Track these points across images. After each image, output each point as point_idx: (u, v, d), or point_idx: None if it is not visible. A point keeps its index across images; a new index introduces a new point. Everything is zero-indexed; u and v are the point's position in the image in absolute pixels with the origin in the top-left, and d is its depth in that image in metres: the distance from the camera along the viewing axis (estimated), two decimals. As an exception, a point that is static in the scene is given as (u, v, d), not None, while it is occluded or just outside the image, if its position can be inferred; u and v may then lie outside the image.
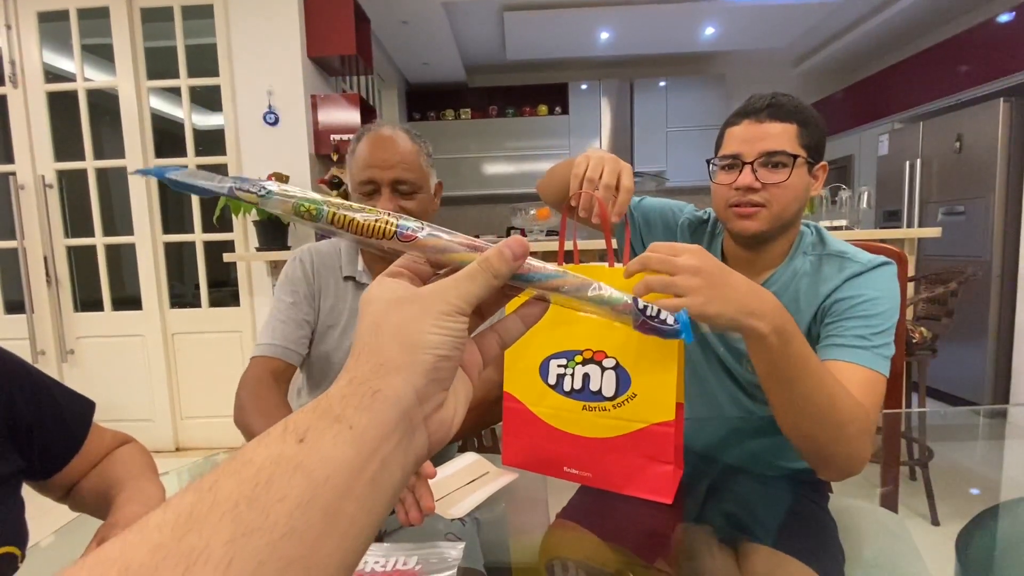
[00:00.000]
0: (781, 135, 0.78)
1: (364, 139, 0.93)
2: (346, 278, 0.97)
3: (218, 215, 2.35)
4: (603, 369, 0.64)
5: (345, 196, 0.93)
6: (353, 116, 2.60)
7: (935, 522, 1.11)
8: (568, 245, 0.76)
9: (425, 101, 5.03)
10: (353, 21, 2.53)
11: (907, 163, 3.31)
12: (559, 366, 0.67)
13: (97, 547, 0.44)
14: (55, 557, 0.62)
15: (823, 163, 0.83)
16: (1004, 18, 2.94)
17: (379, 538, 0.58)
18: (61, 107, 2.65)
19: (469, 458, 0.75)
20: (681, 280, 0.56)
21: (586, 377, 0.65)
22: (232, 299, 2.74)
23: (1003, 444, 1.29)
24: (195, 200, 2.65)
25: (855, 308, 0.73)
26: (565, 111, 4.90)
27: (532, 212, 2.44)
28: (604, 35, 4.12)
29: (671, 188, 5.00)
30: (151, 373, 2.69)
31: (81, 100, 2.61)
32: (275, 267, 2.45)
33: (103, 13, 2.57)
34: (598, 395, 0.65)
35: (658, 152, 4.87)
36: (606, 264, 0.63)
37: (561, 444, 0.67)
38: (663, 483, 0.63)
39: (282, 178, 2.40)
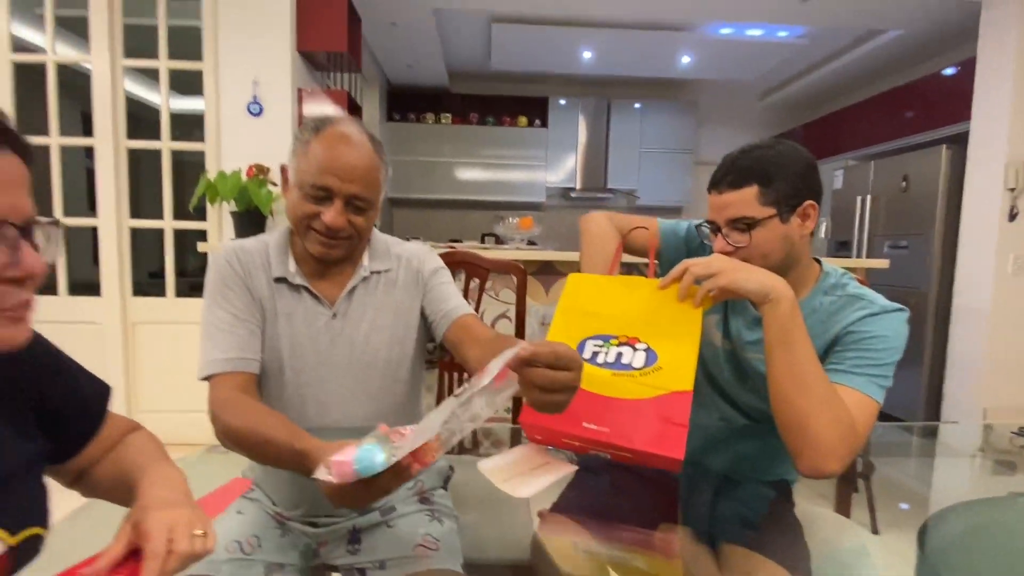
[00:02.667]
0: (740, 202, 0.85)
1: (323, 135, 0.83)
2: (277, 279, 0.89)
3: (195, 203, 2.29)
4: (635, 350, 0.76)
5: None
6: (339, 113, 2.59)
7: (875, 531, 1.22)
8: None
9: (406, 102, 5.03)
10: (346, 18, 2.54)
11: (858, 198, 3.56)
12: (595, 345, 0.77)
13: (130, 528, 0.46)
14: (68, 540, 0.61)
15: (808, 202, 0.86)
16: (949, 71, 3.24)
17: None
18: (27, 80, 2.52)
19: (528, 448, 0.77)
20: (715, 263, 0.77)
21: (619, 355, 0.76)
22: (195, 291, 2.65)
23: (934, 459, 1.44)
24: (166, 185, 2.57)
25: (862, 342, 0.80)
26: (544, 124, 5.00)
27: (515, 221, 2.49)
28: (586, 54, 4.26)
29: (641, 206, 5.17)
30: (106, 363, 2.57)
31: (50, 73, 2.49)
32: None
33: (79, -15, 2.47)
34: (628, 366, 0.75)
35: (631, 171, 5.04)
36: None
37: (584, 402, 0.71)
38: (676, 442, 0.68)
39: (263, 169, 2.36)
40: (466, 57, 4.56)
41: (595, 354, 0.77)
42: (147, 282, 2.86)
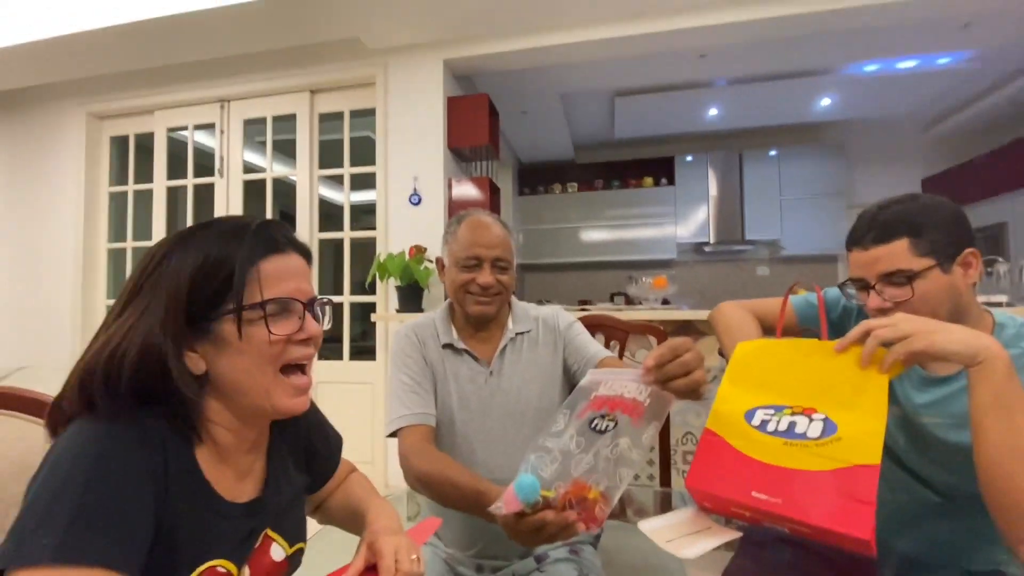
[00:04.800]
0: (890, 256, 0.80)
1: (464, 223, 1.06)
2: (444, 345, 1.07)
3: (370, 280, 2.71)
4: (811, 420, 0.68)
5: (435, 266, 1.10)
6: (483, 196, 2.93)
7: None
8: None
9: (535, 177, 5.42)
10: (488, 116, 2.91)
11: (1079, 231, 2.94)
12: (766, 414, 0.72)
13: (367, 550, 0.58)
14: (308, 557, 0.77)
15: (970, 249, 0.81)
16: None
17: None
18: (251, 192, 3.28)
19: (692, 511, 0.77)
20: (903, 324, 0.68)
21: (792, 424, 0.69)
22: (362, 354, 3.07)
23: None
24: (346, 266, 3.08)
25: None
26: (671, 182, 5.00)
27: (648, 281, 2.51)
28: (713, 111, 4.25)
29: (786, 256, 4.81)
30: (297, 418, 3.04)
31: (268, 187, 3.21)
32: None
33: (291, 118, 3.20)
34: (802, 436, 0.68)
35: (771, 221, 4.75)
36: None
37: (753, 470, 0.68)
38: (863, 520, 0.59)
39: (420, 249, 2.73)
40: (591, 130, 4.83)
41: (764, 422, 0.71)
42: (323, 347, 3.36)
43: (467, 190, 2.95)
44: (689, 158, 4.93)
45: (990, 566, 0.84)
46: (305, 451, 0.71)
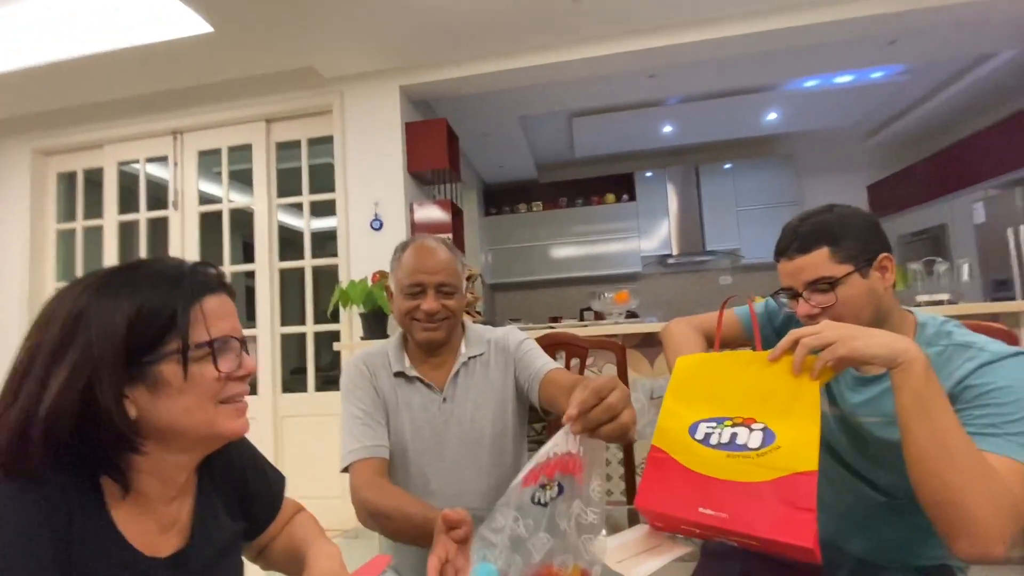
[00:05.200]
0: (813, 265, 0.84)
1: (408, 250, 1.05)
2: (396, 374, 1.06)
3: (332, 308, 2.67)
4: (751, 431, 0.70)
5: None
6: (445, 218, 2.93)
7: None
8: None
9: (500, 197, 5.47)
10: (446, 140, 2.94)
11: (1008, 230, 3.13)
12: (708, 427, 0.73)
13: None
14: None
15: (885, 255, 0.85)
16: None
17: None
18: (208, 224, 3.21)
19: (642, 529, 0.77)
20: (829, 332, 0.70)
21: (733, 435, 0.71)
22: (330, 384, 3.00)
23: None
24: (308, 294, 3.02)
25: (985, 396, 0.72)
26: (632, 198, 5.13)
27: (610, 296, 2.54)
28: (667, 128, 4.40)
29: (747, 265, 4.95)
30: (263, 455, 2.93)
31: (224, 218, 3.14)
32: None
33: (247, 147, 3.16)
34: (743, 447, 0.69)
35: (730, 231, 4.91)
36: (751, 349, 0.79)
37: (699, 486, 0.69)
38: (804, 529, 0.61)
39: (384, 275, 2.70)
40: (552, 150, 4.92)
41: (707, 436, 0.73)
42: (289, 378, 3.28)
43: (430, 213, 2.96)
44: (648, 174, 5.08)
45: (936, 561, 0.86)
46: (240, 495, 0.68)
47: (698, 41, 2.67)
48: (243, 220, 3.21)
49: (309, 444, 2.91)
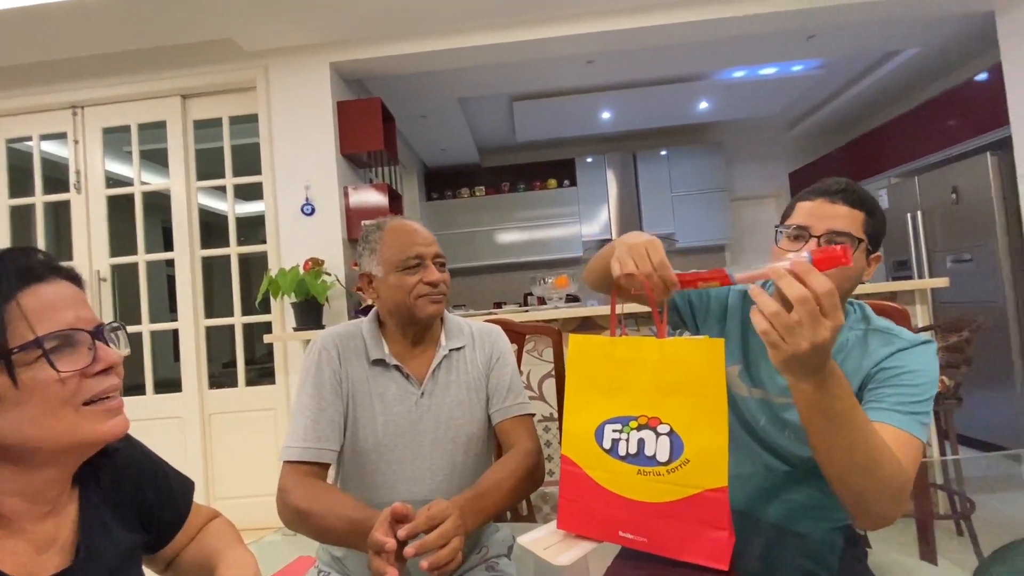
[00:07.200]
0: (850, 218, 0.83)
1: (389, 229, 1.00)
2: (374, 361, 0.98)
3: (260, 299, 2.53)
4: (657, 435, 0.68)
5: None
6: (382, 202, 2.84)
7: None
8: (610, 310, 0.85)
9: (442, 181, 5.38)
10: (381, 121, 2.83)
11: (908, 215, 3.43)
12: (614, 431, 0.70)
13: None
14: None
15: (878, 254, 0.88)
16: (981, 77, 3.16)
17: None
18: (118, 208, 2.94)
19: (553, 525, 0.76)
20: (801, 329, 0.58)
21: (641, 442, 0.68)
22: (267, 378, 2.86)
23: None
24: (235, 285, 2.85)
25: (898, 378, 0.78)
26: (573, 183, 5.19)
27: (550, 281, 2.57)
28: (605, 114, 4.46)
29: (681, 248, 5.15)
30: (187, 455, 2.77)
31: (137, 201, 2.89)
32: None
33: (160, 125, 2.91)
34: (652, 460, 0.67)
35: (665, 216, 5.08)
36: (655, 336, 0.72)
37: (616, 508, 0.68)
38: (718, 549, 0.63)
39: (317, 262, 2.59)
40: (493, 134, 4.88)
41: (615, 443, 0.70)
42: (220, 373, 3.10)
43: (366, 197, 2.85)
44: (589, 159, 5.15)
45: (844, 522, 0.93)
46: (137, 505, 0.62)
47: (632, 28, 2.71)
48: (160, 204, 2.96)
49: (241, 442, 2.77)
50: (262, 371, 2.97)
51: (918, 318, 2.25)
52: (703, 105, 4.39)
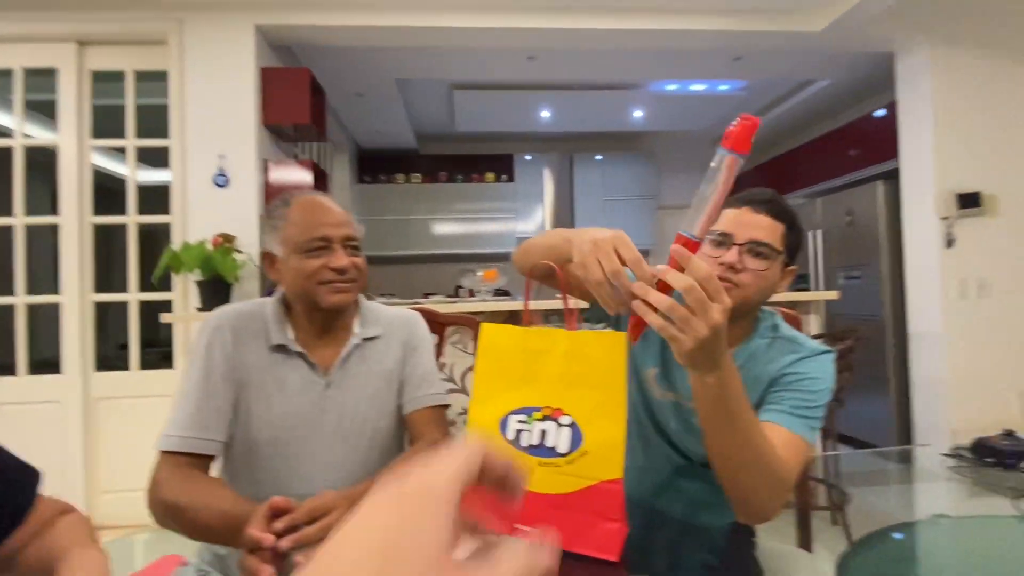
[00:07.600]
0: (771, 229, 0.87)
1: (296, 205, 0.90)
2: (275, 347, 0.90)
3: (158, 275, 2.31)
4: (559, 426, 0.67)
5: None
6: (306, 179, 2.69)
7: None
8: (521, 305, 0.81)
9: (376, 165, 5.19)
10: (309, 93, 2.68)
11: (810, 233, 3.74)
12: (519, 422, 0.69)
13: None
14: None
15: (793, 267, 0.92)
16: (879, 113, 3.51)
17: None
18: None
19: None
20: (694, 321, 0.58)
21: (543, 433, 0.68)
22: (164, 361, 2.62)
23: (911, 486, 1.45)
24: (131, 258, 2.59)
25: (797, 383, 0.83)
26: (511, 179, 5.20)
27: (480, 274, 2.56)
28: (544, 113, 4.50)
29: (610, 251, 5.31)
30: (66, 442, 2.48)
31: (17, 156, 2.55)
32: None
33: (51, 72, 2.58)
34: (552, 451, 0.67)
35: (597, 220, 5.21)
36: (564, 327, 0.71)
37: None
38: (610, 540, 0.64)
39: (228, 238, 2.41)
40: (432, 121, 4.78)
41: (519, 433, 0.69)
42: (115, 355, 2.81)
43: (288, 173, 2.69)
44: (528, 157, 5.18)
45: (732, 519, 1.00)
46: None
47: (569, 28, 2.75)
48: (47, 162, 2.62)
49: (130, 430, 2.52)
50: (165, 354, 2.72)
51: (812, 326, 2.46)
52: (637, 113, 4.55)
